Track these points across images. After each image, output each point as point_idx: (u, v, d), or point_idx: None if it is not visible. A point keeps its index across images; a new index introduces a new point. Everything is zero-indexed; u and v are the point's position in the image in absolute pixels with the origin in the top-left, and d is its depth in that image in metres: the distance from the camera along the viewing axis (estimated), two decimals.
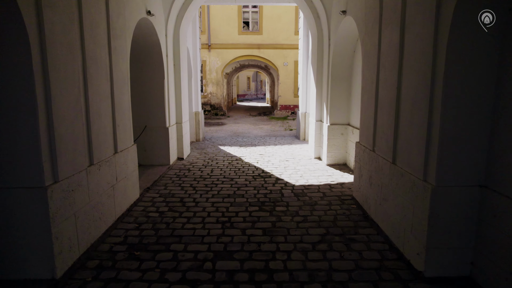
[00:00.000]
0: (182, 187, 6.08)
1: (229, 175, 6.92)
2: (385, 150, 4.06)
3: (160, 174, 6.74)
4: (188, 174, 6.91)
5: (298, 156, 8.56)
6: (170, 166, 7.41)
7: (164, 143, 7.34)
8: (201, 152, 9.18)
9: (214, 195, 5.67)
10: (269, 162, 8.01)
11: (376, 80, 4.35)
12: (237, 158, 8.41)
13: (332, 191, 5.78)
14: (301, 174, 6.87)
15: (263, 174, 6.96)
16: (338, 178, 6.55)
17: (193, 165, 7.66)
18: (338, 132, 7.33)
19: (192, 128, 10.53)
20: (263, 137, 11.87)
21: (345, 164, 7.47)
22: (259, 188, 6.00)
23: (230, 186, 6.17)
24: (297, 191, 5.81)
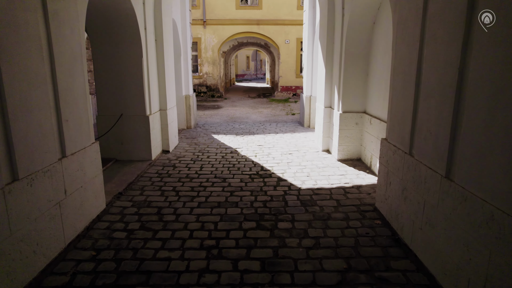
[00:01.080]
0: (162, 191, 4.96)
1: (222, 173, 5.78)
2: (432, 157, 2.90)
3: (138, 173, 5.61)
4: (173, 173, 5.78)
5: (303, 148, 7.40)
6: (152, 161, 6.26)
7: (144, 134, 6.16)
8: (191, 142, 8.02)
9: (201, 203, 4.55)
10: (269, 155, 6.87)
11: (417, 58, 3.13)
12: (232, 151, 7.26)
13: (347, 198, 4.66)
14: (307, 173, 5.73)
15: (262, 172, 5.83)
16: (353, 178, 5.42)
17: (180, 160, 6.52)
18: (352, 122, 6.14)
19: (182, 114, 9.32)
20: (263, 123, 10.68)
21: (359, 160, 6.32)
22: (257, 193, 4.88)
23: (221, 189, 5.04)
24: (304, 198, 4.69)
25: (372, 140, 5.64)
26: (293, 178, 5.50)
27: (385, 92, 5.20)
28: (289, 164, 6.23)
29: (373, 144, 5.61)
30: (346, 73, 5.99)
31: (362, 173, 5.63)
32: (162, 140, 6.91)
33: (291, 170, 5.88)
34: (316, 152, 7.00)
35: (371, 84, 5.82)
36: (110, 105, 6.04)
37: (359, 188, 5.02)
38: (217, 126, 10.19)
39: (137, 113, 6.08)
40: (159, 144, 6.77)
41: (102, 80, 5.95)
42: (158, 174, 5.68)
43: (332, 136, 6.64)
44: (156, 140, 6.51)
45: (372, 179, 5.33)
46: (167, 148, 6.99)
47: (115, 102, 6.02)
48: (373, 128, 5.63)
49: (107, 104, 6.04)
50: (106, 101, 6.03)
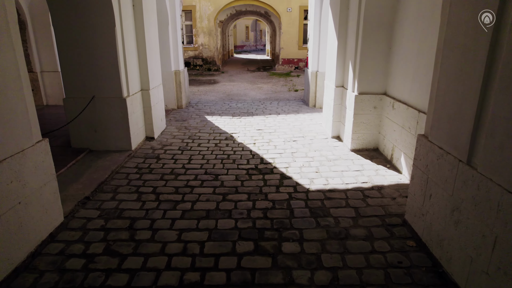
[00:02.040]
0: (140, 194, 4.05)
1: (214, 167, 4.86)
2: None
3: (114, 168, 4.68)
4: (155, 167, 4.85)
5: (309, 133, 6.43)
6: (132, 152, 5.32)
7: (121, 120, 5.18)
8: (180, 126, 7.03)
9: (185, 212, 3.65)
10: (270, 143, 5.91)
11: (492, 21, 2.11)
12: (227, 136, 6.30)
13: (368, 205, 3.76)
14: (316, 167, 4.80)
15: (262, 166, 4.90)
16: (371, 176, 4.49)
17: (166, 150, 5.57)
18: (369, 105, 5.14)
19: (172, 92, 8.26)
20: (263, 102, 9.64)
21: (376, 150, 5.38)
22: (256, 196, 3.97)
23: (212, 191, 4.13)
24: (313, 204, 3.79)
25: (395, 129, 4.67)
26: (299, 174, 4.58)
27: (415, 71, 4.17)
28: (294, 155, 5.29)
29: (396, 133, 4.64)
30: (365, 46, 4.92)
31: (382, 168, 4.70)
32: (145, 125, 5.93)
33: (296, 164, 4.95)
34: (324, 139, 6.04)
35: (396, 60, 4.76)
36: (78, 86, 5.01)
37: (380, 189, 4.10)
38: (211, 105, 9.16)
39: (111, 95, 5.06)
40: (142, 130, 5.80)
41: (67, 55, 4.89)
42: (138, 169, 4.75)
43: (345, 121, 5.65)
44: (137, 126, 5.53)
45: (394, 177, 4.41)
46: (152, 135, 6.02)
47: (85, 82, 4.99)
48: (396, 114, 4.64)
49: (75, 85, 5.01)
50: (73, 81, 5.00)
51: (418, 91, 4.08)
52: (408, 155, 4.29)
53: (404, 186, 4.16)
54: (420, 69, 4.02)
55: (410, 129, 4.21)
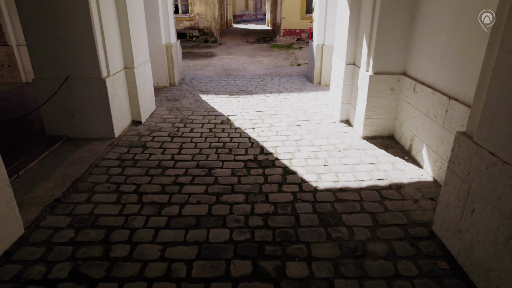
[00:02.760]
0: (120, 194, 3.48)
1: (207, 159, 4.27)
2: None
3: (92, 160, 4.09)
4: (140, 159, 4.26)
5: (314, 116, 5.79)
6: (115, 140, 4.70)
7: (101, 103, 4.52)
8: (172, 107, 6.37)
9: (171, 218, 3.09)
10: (271, 128, 5.29)
11: None
12: (223, 120, 5.67)
13: (386, 209, 3.20)
14: (324, 159, 4.21)
15: (262, 157, 4.31)
16: (388, 170, 3.91)
17: (154, 136, 4.96)
18: (385, 87, 4.47)
19: (163, 68, 7.52)
20: (263, 78, 8.90)
21: (391, 138, 4.76)
22: (255, 197, 3.41)
23: (204, 190, 3.57)
24: (323, 208, 3.23)
25: (416, 116, 4.04)
26: (305, 168, 3.99)
27: (446, 47, 3.47)
28: (298, 144, 4.69)
29: (417, 121, 4.01)
30: (383, 18, 4.18)
31: (399, 161, 4.11)
32: (130, 108, 5.28)
33: (301, 154, 4.36)
34: (332, 124, 5.41)
35: (420, 33, 4.04)
36: (49, 64, 4.32)
37: (399, 189, 3.53)
38: (207, 82, 8.43)
39: (88, 75, 4.37)
40: (127, 114, 5.16)
41: (32, 27, 4.16)
42: (120, 162, 4.16)
43: (355, 104, 5.00)
44: (120, 110, 4.88)
45: (415, 173, 3.83)
46: (139, 118, 5.38)
47: (57, 60, 4.29)
48: (418, 99, 3.98)
49: (46, 63, 4.31)
50: (43, 59, 4.30)
51: (449, 72, 3.41)
52: (432, 148, 3.68)
53: (427, 185, 3.59)
54: (454, 45, 3.33)
55: (437, 118, 3.57)
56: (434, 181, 3.64)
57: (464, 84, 3.13)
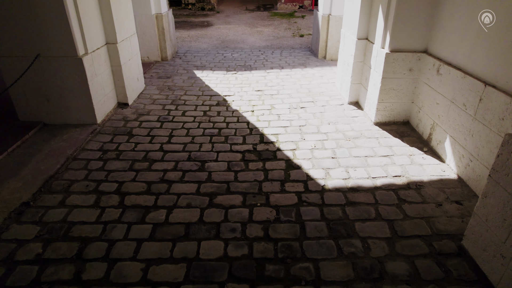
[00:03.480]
0: (99, 194, 3.03)
1: (200, 149, 3.79)
2: None
3: (70, 152, 3.61)
4: (125, 150, 3.78)
5: (320, 97, 5.24)
6: (97, 126, 4.20)
7: (79, 85, 3.98)
8: (163, 85, 5.79)
9: (157, 226, 2.67)
10: (272, 111, 4.77)
11: None
12: (219, 101, 5.13)
13: (406, 215, 2.76)
14: (332, 150, 3.74)
15: (262, 147, 3.83)
16: (405, 164, 3.44)
17: (141, 122, 4.45)
18: (403, 66, 3.91)
19: (153, 41, 6.85)
20: (263, 51, 8.23)
21: (406, 124, 4.25)
22: (254, 199, 2.97)
23: (196, 189, 3.12)
24: (332, 214, 2.79)
25: (439, 102, 3.51)
26: (310, 162, 3.53)
27: (481, 23, 2.89)
28: (302, 130, 4.19)
29: (440, 108, 3.49)
30: None
31: (417, 153, 3.63)
32: (115, 89, 4.73)
33: (305, 144, 3.87)
34: (340, 106, 4.88)
35: (449, 3, 3.43)
36: (16, 40, 3.73)
37: (419, 188, 3.08)
38: (202, 55, 7.76)
39: (62, 53, 3.80)
40: (111, 96, 4.61)
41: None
42: (102, 153, 3.69)
43: (367, 85, 4.45)
44: (102, 92, 4.34)
45: (436, 168, 3.37)
46: (125, 100, 4.84)
47: (25, 36, 3.70)
48: (443, 82, 3.44)
49: (11, 39, 3.72)
50: (8, 34, 3.70)
51: (487, 52, 2.85)
52: (458, 141, 3.20)
53: (451, 184, 3.13)
54: (498, 16, 2.75)
55: (466, 106, 3.06)
56: (459, 179, 3.19)
57: (508, 68, 2.59)
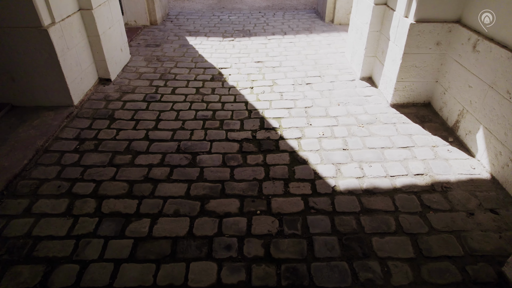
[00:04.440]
0: (73, 197, 2.60)
1: (191, 138, 3.30)
2: None
3: (41, 143, 3.12)
4: (105, 138, 3.29)
5: (328, 70, 4.65)
6: (74, 109, 3.68)
7: (47, 62, 3.40)
8: (151, 55, 5.15)
9: (138, 241, 2.26)
10: (274, 88, 4.21)
11: None
12: (214, 75, 4.54)
13: (432, 228, 2.34)
14: (343, 140, 3.24)
15: (263, 135, 3.34)
16: (427, 159, 2.96)
17: (125, 102, 3.91)
18: (430, 40, 3.30)
19: (141, 2, 6.08)
20: (264, 12, 7.42)
21: (427, 106, 3.72)
22: (253, 205, 2.54)
23: (185, 191, 2.68)
24: (344, 225, 2.37)
25: (473, 85, 2.97)
26: (318, 154, 3.05)
27: None
28: (308, 113, 3.67)
29: (474, 92, 2.95)
30: None
31: (441, 144, 3.15)
32: (95, 63, 4.13)
33: (312, 131, 3.38)
34: (351, 82, 4.30)
35: None
36: None
37: (446, 191, 2.64)
38: (196, 18, 6.98)
39: (22, 24, 3.18)
40: (90, 72, 4.03)
41: None
42: (79, 144, 3.20)
43: (384, 60, 3.86)
44: (78, 68, 3.76)
45: (464, 164, 2.90)
46: (107, 75, 4.26)
47: None
48: (481, 62, 2.87)
49: None
50: None
51: None
52: (495, 134, 2.70)
53: (483, 185, 2.69)
54: None
55: (511, 95, 2.53)
56: (492, 179, 2.73)
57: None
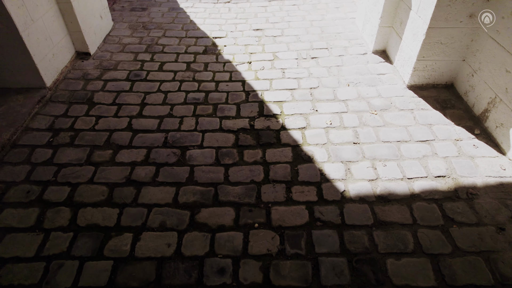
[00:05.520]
0: (43, 206, 2.26)
1: (179, 128, 2.90)
2: None
3: (7, 137, 2.73)
4: (83, 129, 2.88)
5: (336, 41, 4.10)
6: (47, 91, 3.22)
7: (5, 37, 2.89)
8: (136, 22, 4.56)
9: (119, 262, 1.96)
10: (275, 62, 3.72)
11: None
12: (207, 46, 4.02)
13: (455, 246, 2.03)
14: (354, 131, 2.84)
15: (262, 123, 2.93)
16: (450, 156, 2.58)
17: (106, 82, 3.44)
18: (462, 12, 2.77)
19: None
20: None
21: (450, 87, 3.26)
22: (250, 216, 2.21)
23: (172, 198, 2.34)
24: (355, 242, 2.06)
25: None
26: (325, 149, 2.67)
27: None
28: (314, 96, 3.23)
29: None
30: None
31: (466, 137, 2.75)
32: (69, 34, 3.59)
33: (318, 119, 2.96)
34: (362, 56, 3.79)
35: None
36: None
37: (471, 199, 2.30)
38: None
39: None
40: (64, 46, 3.51)
41: None
42: (52, 136, 2.81)
43: (402, 32, 3.33)
44: (49, 43, 3.24)
45: (492, 163, 2.53)
46: (85, 48, 3.74)
47: None
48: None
49: None
50: None
51: None
52: None
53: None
54: None
55: None
56: None
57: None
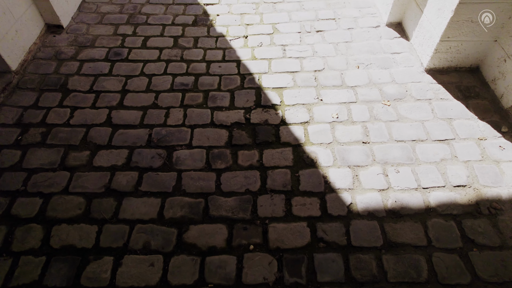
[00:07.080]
0: (12, 223, 2.01)
1: (165, 122, 2.56)
2: None
3: None
4: (56, 123, 2.54)
5: (344, 9, 3.58)
6: (13, 77, 2.82)
7: None
8: None
9: None
10: (274, 37, 3.25)
11: None
12: (197, 15, 3.51)
13: (475, 275, 1.80)
14: (363, 126, 2.50)
15: (259, 116, 2.58)
16: (472, 160, 2.27)
17: (82, 62, 3.01)
18: None
19: None
20: None
21: (475, 71, 2.84)
22: (245, 236, 1.97)
23: (157, 213, 2.08)
24: (362, 269, 1.83)
25: None
26: (331, 150, 2.36)
27: None
28: (319, 81, 2.84)
29: None
30: None
31: (491, 135, 2.42)
32: (35, 4, 3.08)
33: (323, 111, 2.60)
34: (374, 30, 3.31)
35: None
36: None
37: (495, 215, 2.03)
38: None
39: None
40: (29, 19, 3.02)
41: None
42: (20, 133, 2.47)
43: (424, 5, 2.84)
44: (9, 18, 2.76)
45: None
46: (56, 21, 3.24)
47: None
48: None
49: None
50: None
51: None
52: None
53: None
54: None
55: None
56: None
57: None
